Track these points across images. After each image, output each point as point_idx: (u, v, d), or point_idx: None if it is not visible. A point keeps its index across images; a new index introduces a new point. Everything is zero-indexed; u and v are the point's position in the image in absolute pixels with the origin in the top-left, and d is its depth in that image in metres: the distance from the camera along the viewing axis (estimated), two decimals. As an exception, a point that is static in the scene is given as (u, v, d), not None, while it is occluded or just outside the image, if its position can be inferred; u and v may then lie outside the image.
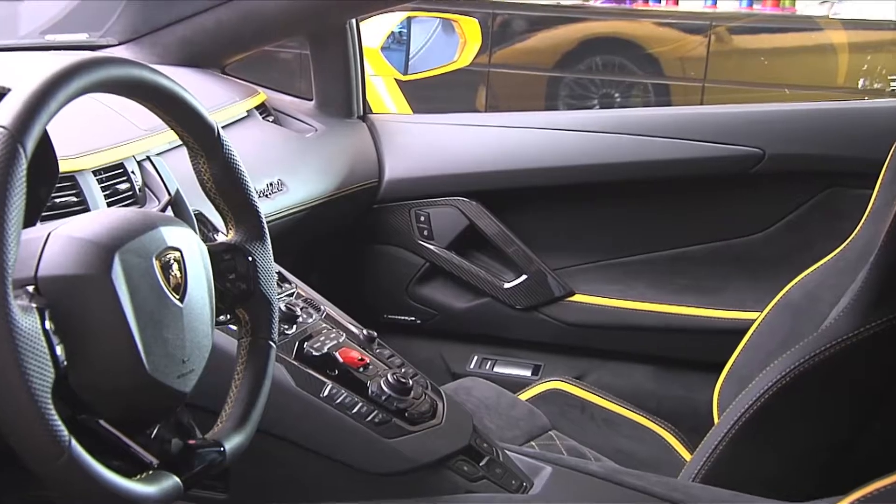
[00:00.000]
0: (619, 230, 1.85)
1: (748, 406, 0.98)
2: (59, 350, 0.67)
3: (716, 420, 1.17)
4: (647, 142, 1.73)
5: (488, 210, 1.82)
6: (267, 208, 1.41)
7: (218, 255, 0.85)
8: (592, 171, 1.76)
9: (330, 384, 1.06)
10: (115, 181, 1.15)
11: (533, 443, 1.38)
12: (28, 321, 0.64)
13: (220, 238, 0.98)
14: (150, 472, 0.72)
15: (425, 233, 1.86)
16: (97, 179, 1.11)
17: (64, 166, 0.97)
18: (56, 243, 0.70)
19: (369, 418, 1.05)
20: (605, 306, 1.79)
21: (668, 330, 1.74)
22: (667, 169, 1.73)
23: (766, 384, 0.97)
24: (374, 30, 2.00)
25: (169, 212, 0.97)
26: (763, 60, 4.62)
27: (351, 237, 1.93)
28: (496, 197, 1.83)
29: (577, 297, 1.81)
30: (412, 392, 1.11)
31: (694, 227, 1.80)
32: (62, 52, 1.52)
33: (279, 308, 1.04)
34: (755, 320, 1.32)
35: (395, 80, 2.33)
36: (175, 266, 0.75)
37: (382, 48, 2.04)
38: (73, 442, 0.65)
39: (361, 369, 1.12)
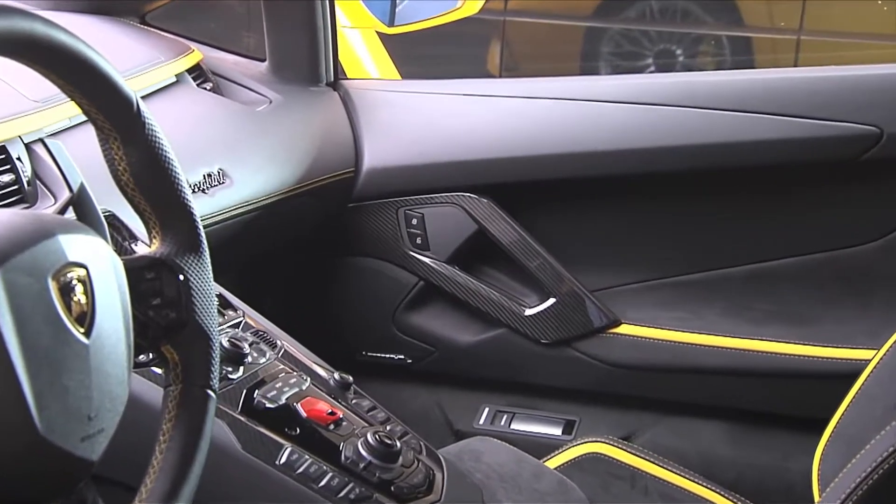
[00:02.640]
0: (681, 238, 1.85)
1: (861, 479, 0.97)
2: (-81, 403, 0.66)
3: (816, 497, 1.16)
4: (719, 118, 1.73)
5: (504, 210, 1.82)
6: (204, 208, 1.41)
7: (138, 272, 0.85)
8: (645, 157, 1.77)
9: (289, 447, 1.06)
10: (-5, 171, 1.15)
11: (565, 527, 1.37)
12: None
13: (141, 249, 0.98)
14: (44, 569, 0.72)
15: (419, 241, 1.86)
16: (-29, 169, 1.11)
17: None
18: (-85, 257, 0.69)
19: (343, 493, 1.05)
20: (663, 341, 1.79)
21: (749, 373, 1.74)
22: (747, 155, 1.73)
23: (887, 449, 0.97)
24: (350, -35, 2.01)
25: (70, 214, 0.97)
26: (881, 4, 4.62)
27: (318, 247, 1.93)
28: (514, 192, 1.84)
29: (625, 329, 1.81)
30: (401, 458, 1.10)
31: (784, 233, 1.81)
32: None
33: (221, 344, 1.04)
34: (869, 361, 1.32)
35: (378, 33, 2.33)
36: (79, 288, 0.74)
37: (360, -10, 2.05)
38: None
39: (332, 427, 1.12)
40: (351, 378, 1.23)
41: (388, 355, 1.94)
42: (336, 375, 1.23)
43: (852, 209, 1.78)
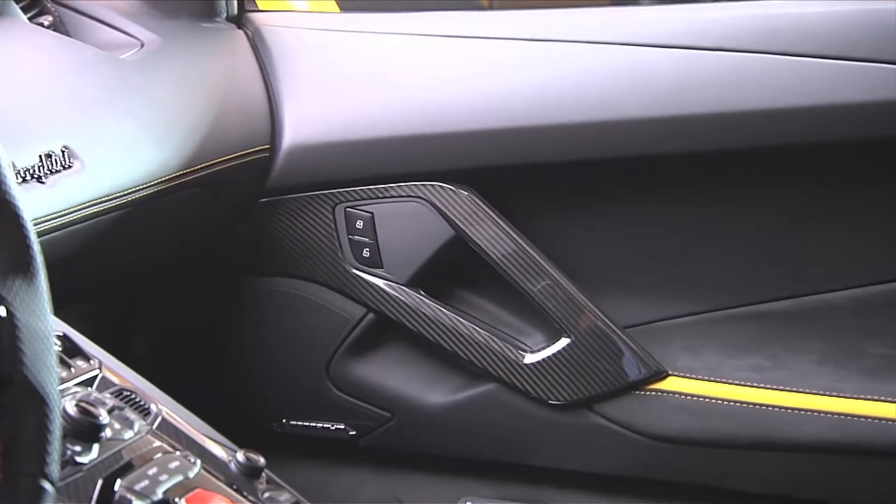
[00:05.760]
0: (757, 248, 1.87)
1: None
2: None
3: None
4: (817, 69, 1.73)
5: (492, 207, 1.83)
6: (40, 206, 1.39)
7: (-66, 304, 0.84)
8: (707, 127, 1.77)
9: (168, 566, 1.05)
10: None
11: None
12: None
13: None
14: None
15: (366, 253, 1.86)
16: None
17: None
18: None
19: None
20: (729, 402, 1.79)
21: (860, 450, 1.75)
22: (860, 122, 1.73)
23: None
24: None
25: None
26: None
27: (215, 263, 1.93)
28: (508, 181, 1.85)
29: (673, 384, 1.82)
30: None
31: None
32: None
33: (63, 411, 1.03)
34: None
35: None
36: None
37: None
38: None
39: (233, 534, 1.11)
40: (262, 460, 1.22)
41: (320, 424, 1.94)
42: (240, 456, 1.22)
43: None
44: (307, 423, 1.94)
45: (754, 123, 1.75)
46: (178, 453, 1.17)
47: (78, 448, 1.10)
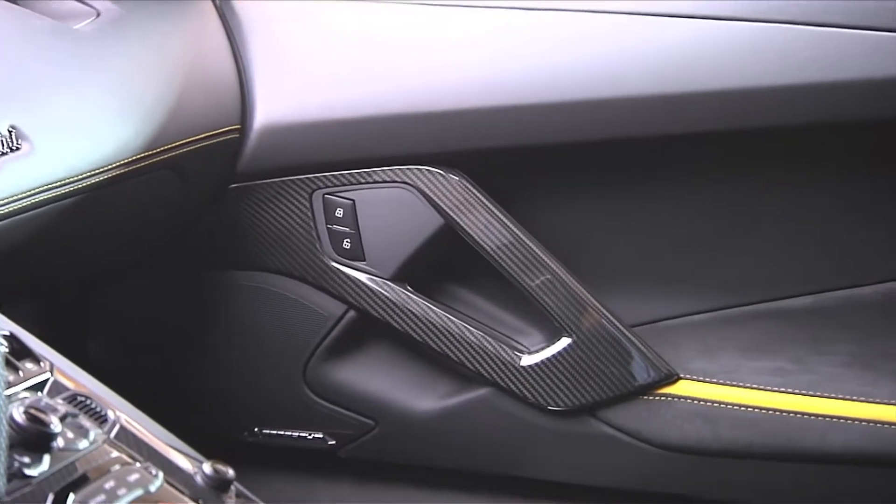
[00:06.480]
0: (773, 241, 1.87)
1: None
2: None
3: None
4: (833, 38, 1.72)
5: (484, 194, 1.83)
6: (-16, 192, 1.39)
7: None
8: (714, 105, 1.76)
9: (127, 590, 1.05)
10: None
11: None
12: None
13: None
14: None
15: (347, 244, 1.86)
16: None
17: None
18: None
19: None
20: (748, 409, 1.80)
21: (892, 460, 1.75)
22: (877, 101, 1.73)
23: None
24: None
25: None
26: None
27: (180, 255, 1.93)
28: (504, 165, 1.85)
29: (685, 388, 1.82)
30: None
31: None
32: None
33: (11, 419, 1.03)
34: None
35: None
36: None
37: None
38: None
39: (199, 555, 1.10)
40: (231, 472, 1.22)
41: (296, 433, 1.94)
42: (207, 468, 1.21)
43: None
44: (282, 432, 1.94)
45: (773, 101, 1.75)
46: (138, 465, 1.17)
47: (26, 459, 1.09)
